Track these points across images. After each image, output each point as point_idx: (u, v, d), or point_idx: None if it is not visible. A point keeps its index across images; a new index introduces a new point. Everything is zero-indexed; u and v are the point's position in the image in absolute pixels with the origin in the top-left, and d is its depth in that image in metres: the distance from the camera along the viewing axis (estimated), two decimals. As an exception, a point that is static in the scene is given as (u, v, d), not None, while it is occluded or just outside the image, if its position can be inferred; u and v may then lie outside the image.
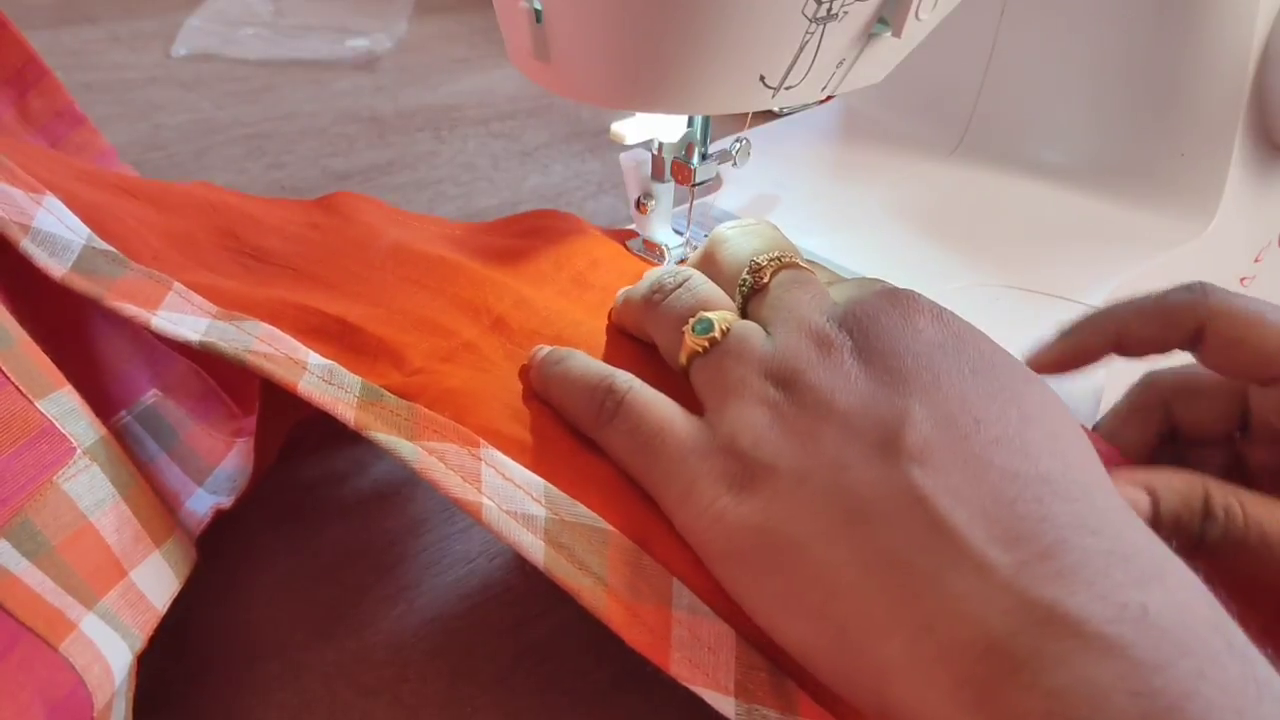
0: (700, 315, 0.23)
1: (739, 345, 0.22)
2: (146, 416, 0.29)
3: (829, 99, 0.52)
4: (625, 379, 0.23)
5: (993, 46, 0.45)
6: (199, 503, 0.27)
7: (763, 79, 0.27)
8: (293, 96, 0.68)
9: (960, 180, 0.46)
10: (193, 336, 0.23)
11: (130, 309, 0.23)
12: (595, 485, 0.22)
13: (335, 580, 0.28)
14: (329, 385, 0.23)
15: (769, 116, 0.56)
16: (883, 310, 0.21)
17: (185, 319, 0.23)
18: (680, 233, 0.36)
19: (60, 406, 0.20)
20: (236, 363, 0.22)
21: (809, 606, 0.17)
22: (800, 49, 0.26)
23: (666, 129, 0.33)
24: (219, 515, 0.26)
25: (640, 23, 0.25)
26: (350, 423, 0.22)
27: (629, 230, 0.37)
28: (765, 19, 0.25)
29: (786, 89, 0.27)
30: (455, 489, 0.21)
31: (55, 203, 0.25)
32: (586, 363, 0.24)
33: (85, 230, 0.25)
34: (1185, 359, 0.26)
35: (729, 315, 0.23)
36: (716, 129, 0.34)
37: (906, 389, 0.19)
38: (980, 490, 0.16)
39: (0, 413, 0.18)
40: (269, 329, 0.24)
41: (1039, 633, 0.14)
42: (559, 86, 0.29)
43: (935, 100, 0.49)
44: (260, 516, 0.29)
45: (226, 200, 0.31)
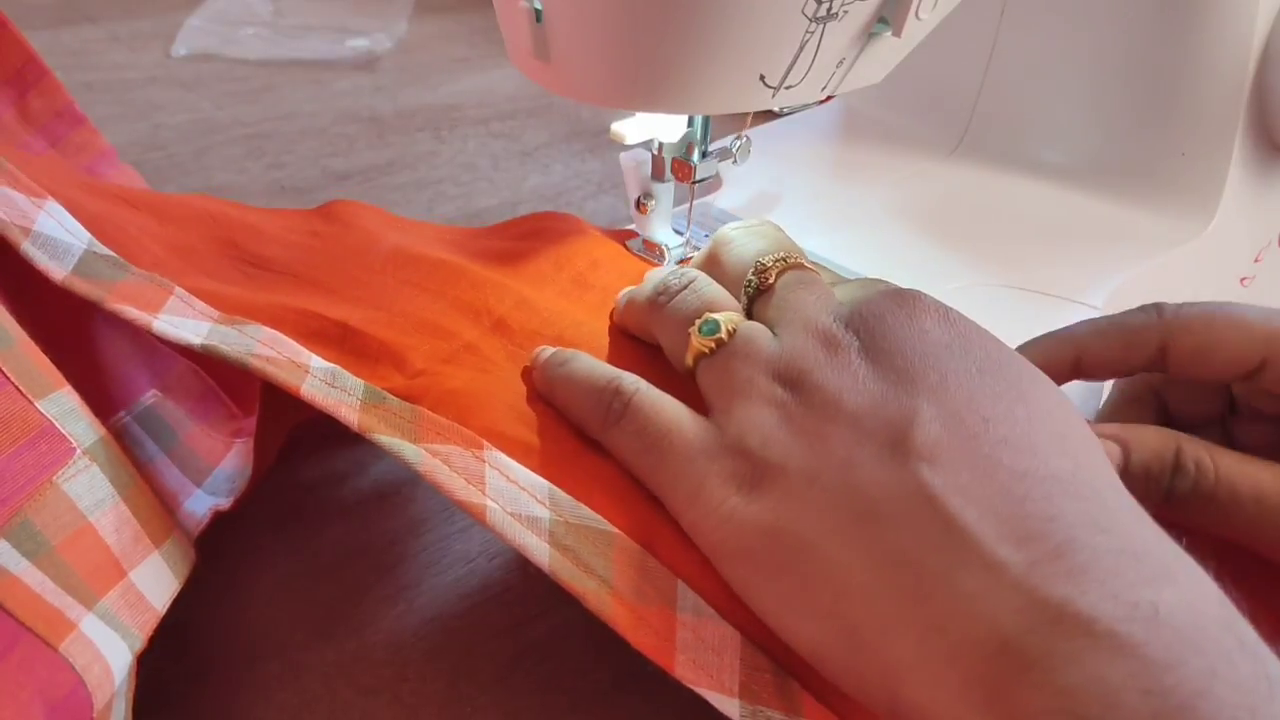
0: (706, 316, 0.23)
1: (746, 346, 0.22)
2: (146, 417, 0.29)
3: (829, 99, 0.52)
4: (632, 381, 0.23)
5: (993, 46, 0.45)
6: (198, 503, 0.27)
7: (763, 79, 0.27)
8: (293, 96, 0.68)
9: (960, 180, 0.46)
10: (194, 340, 0.23)
11: (131, 312, 0.23)
12: (599, 487, 0.22)
13: (335, 580, 0.28)
14: (332, 388, 0.23)
15: (769, 116, 0.56)
16: (889, 310, 0.21)
17: (187, 323, 0.23)
18: (680, 233, 0.36)
19: (60, 406, 0.20)
20: (239, 366, 0.22)
21: (819, 606, 0.17)
22: (800, 49, 0.26)
23: (666, 129, 0.33)
24: (218, 516, 0.26)
25: (640, 23, 0.25)
26: (354, 425, 0.22)
27: (629, 230, 0.37)
28: (765, 19, 0.25)
29: (786, 89, 0.27)
30: (459, 491, 0.21)
31: (56, 207, 0.25)
32: (591, 364, 0.24)
33: (86, 235, 0.25)
34: None
35: (735, 316, 0.23)
36: (716, 129, 0.34)
37: (914, 388, 0.18)
38: (990, 489, 0.16)
39: (0, 413, 0.18)
40: (271, 333, 0.24)
41: (1050, 632, 0.14)
42: (559, 86, 0.29)
43: (935, 100, 0.49)
44: (260, 517, 0.29)
45: (226, 210, 0.31)
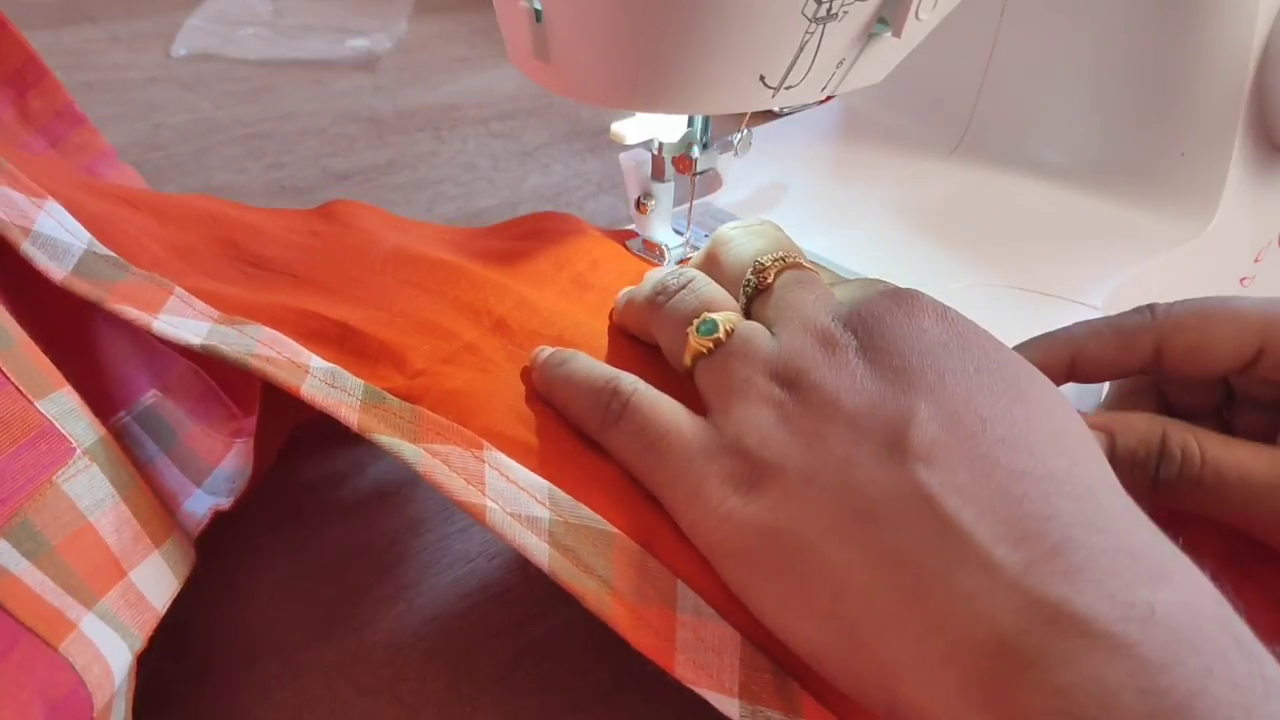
0: (704, 316, 0.23)
1: (744, 346, 0.22)
2: (146, 417, 0.29)
3: (829, 99, 0.52)
4: (630, 381, 0.23)
5: (993, 46, 0.45)
6: (198, 503, 0.27)
7: (763, 79, 0.27)
8: (293, 96, 0.68)
9: (961, 180, 0.46)
10: (194, 340, 0.23)
11: (131, 312, 0.23)
12: (599, 487, 0.22)
13: (335, 580, 0.28)
14: (332, 388, 0.23)
15: (769, 116, 0.56)
16: (887, 310, 0.21)
17: (187, 323, 0.23)
18: (680, 233, 0.36)
19: (60, 406, 0.20)
20: (239, 366, 0.22)
21: (817, 606, 0.17)
22: (800, 49, 0.26)
23: (666, 129, 0.33)
24: (218, 516, 0.26)
25: (640, 23, 0.25)
26: (353, 425, 0.22)
27: (629, 230, 0.37)
28: (765, 19, 0.25)
29: (786, 89, 0.27)
30: (459, 492, 0.21)
31: (56, 207, 0.25)
32: (590, 365, 0.24)
33: (86, 235, 0.25)
34: None
35: (733, 316, 0.23)
36: (716, 129, 0.34)
37: (912, 388, 0.18)
38: (987, 489, 0.16)
39: (0, 413, 0.18)
40: (271, 333, 0.24)
41: (1047, 631, 0.14)
42: (559, 86, 0.29)
43: (935, 100, 0.49)
44: (260, 517, 0.29)
45: (226, 210, 0.31)
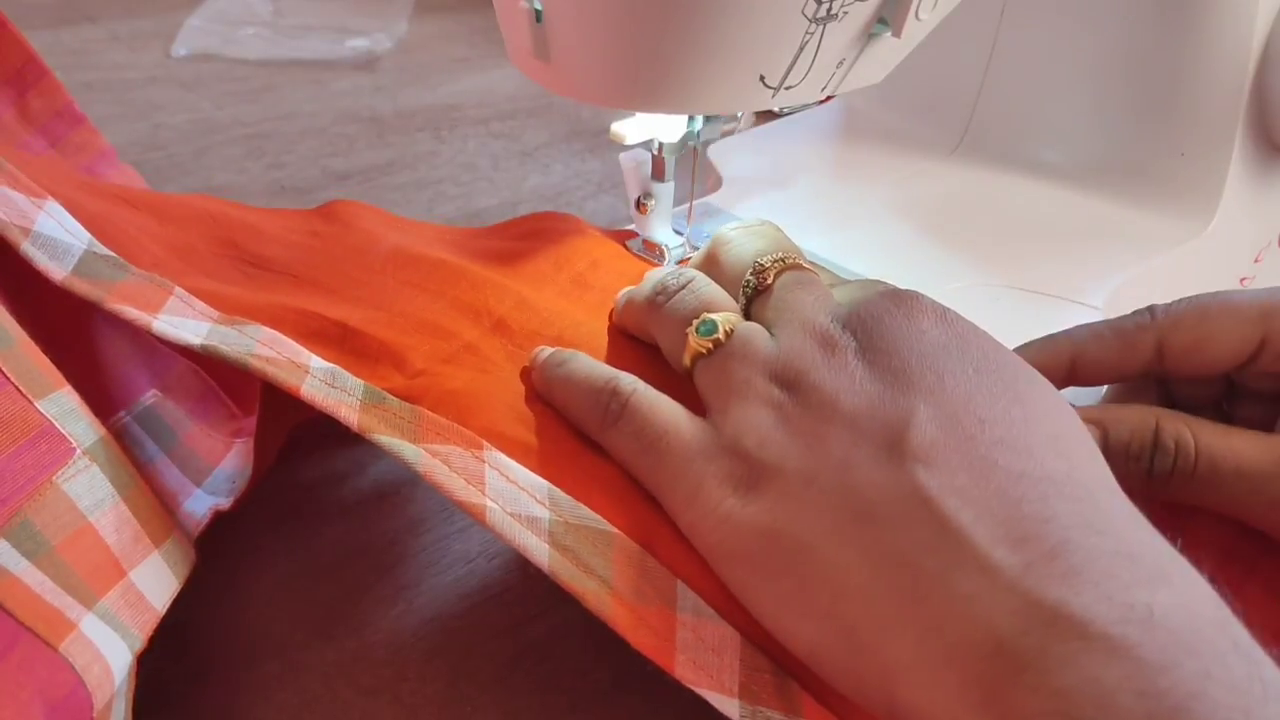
0: (704, 317, 0.23)
1: (743, 347, 0.22)
2: (145, 417, 0.29)
3: (829, 99, 0.52)
4: (629, 381, 0.23)
5: (993, 46, 0.45)
6: (198, 503, 0.27)
7: (763, 79, 0.27)
8: (293, 96, 0.68)
9: (960, 180, 0.46)
10: (194, 340, 0.23)
11: (131, 312, 0.23)
12: (599, 487, 0.22)
13: (335, 580, 0.28)
14: (331, 388, 0.23)
15: (769, 116, 0.56)
16: (887, 311, 0.21)
17: (187, 323, 0.23)
18: (680, 232, 0.36)
19: (60, 406, 0.20)
20: (239, 366, 0.22)
21: (817, 607, 0.17)
22: (800, 49, 0.26)
23: (666, 129, 0.33)
24: (218, 516, 0.26)
25: (640, 23, 0.25)
26: (353, 425, 0.22)
27: (629, 230, 0.37)
28: (765, 19, 0.25)
29: (786, 89, 0.27)
30: (459, 492, 0.21)
31: (56, 207, 0.25)
32: (590, 365, 0.24)
33: (86, 235, 0.25)
34: None
35: (733, 317, 0.23)
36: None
37: (911, 389, 0.18)
38: (986, 490, 0.16)
39: (0, 413, 0.18)
40: (271, 333, 0.24)
41: (1045, 633, 0.14)
42: (559, 86, 0.29)
43: (935, 100, 0.49)
44: (260, 517, 0.29)
45: (226, 210, 0.31)
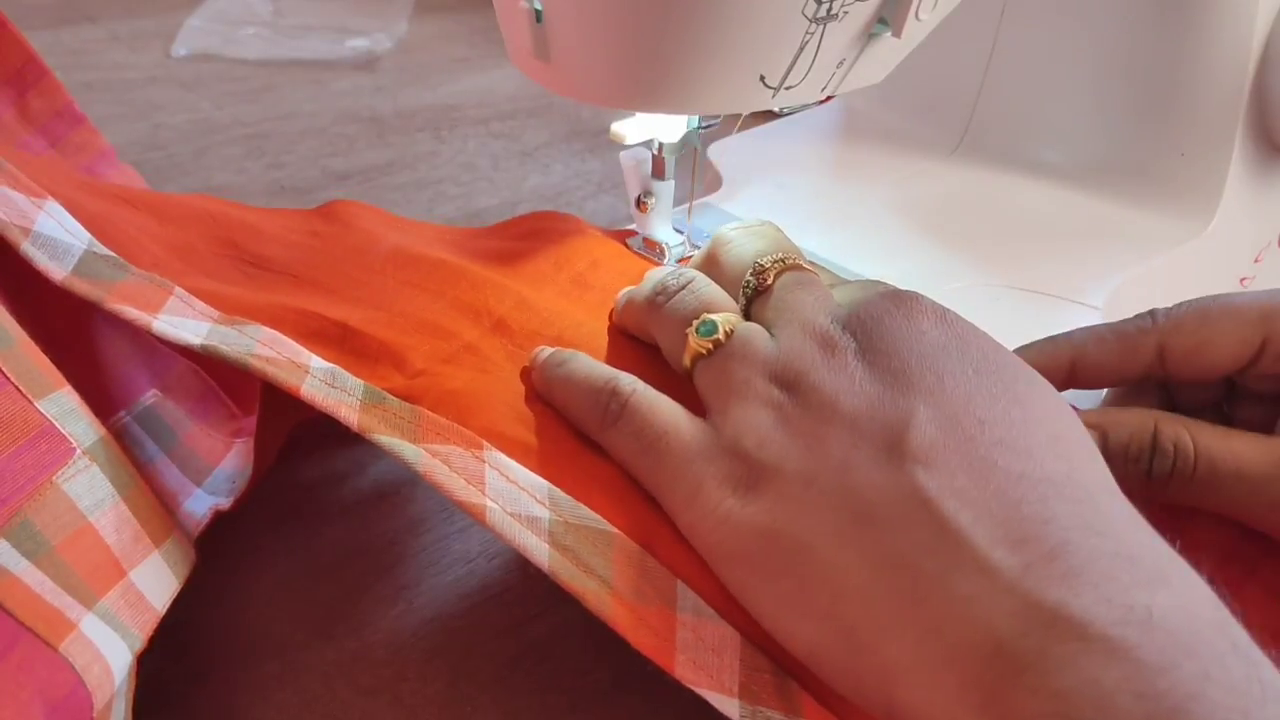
0: (704, 317, 0.23)
1: (743, 347, 0.22)
2: (145, 417, 0.29)
3: (829, 99, 0.52)
4: (629, 381, 0.23)
5: (993, 46, 0.45)
6: (198, 503, 0.27)
7: (763, 79, 0.27)
8: (293, 96, 0.68)
9: (960, 180, 0.46)
10: (194, 340, 0.23)
11: (131, 312, 0.23)
12: (599, 487, 0.22)
13: (335, 580, 0.28)
14: (331, 388, 0.23)
15: (769, 116, 0.56)
16: (886, 312, 0.21)
17: (187, 323, 0.23)
18: (680, 231, 0.36)
19: (60, 406, 0.20)
20: (239, 366, 0.22)
21: (816, 608, 0.17)
22: (800, 49, 0.26)
23: (666, 129, 0.33)
24: (218, 516, 0.26)
25: (640, 23, 0.25)
26: (353, 425, 0.22)
27: (629, 230, 0.37)
28: (765, 19, 0.25)
29: (786, 89, 0.27)
30: (459, 492, 0.21)
31: (56, 207, 0.25)
32: (590, 365, 0.24)
33: (86, 235, 0.25)
34: None
35: (733, 317, 0.23)
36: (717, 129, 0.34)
37: (911, 390, 0.18)
38: (985, 492, 0.16)
39: (0, 413, 0.18)
40: (271, 333, 0.24)
41: (1044, 635, 0.14)
42: (559, 86, 0.29)
43: (935, 100, 0.49)
44: (260, 517, 0.29)
45: (226, 210, 0.31)
